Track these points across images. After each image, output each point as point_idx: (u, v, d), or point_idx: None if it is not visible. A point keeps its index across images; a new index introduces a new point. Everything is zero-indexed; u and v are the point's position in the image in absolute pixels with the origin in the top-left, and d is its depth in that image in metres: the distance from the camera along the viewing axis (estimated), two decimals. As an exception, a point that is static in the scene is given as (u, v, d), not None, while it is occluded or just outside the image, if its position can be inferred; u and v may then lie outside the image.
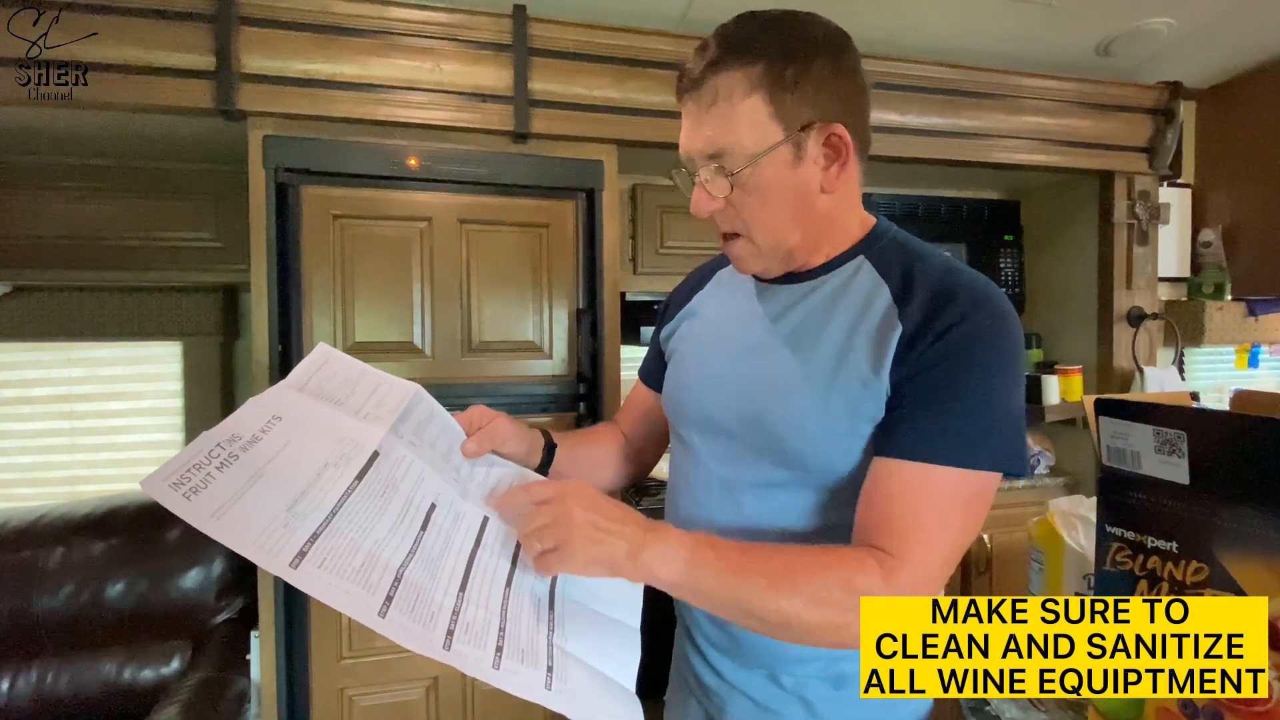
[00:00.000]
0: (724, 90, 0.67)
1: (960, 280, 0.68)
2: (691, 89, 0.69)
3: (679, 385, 0.84)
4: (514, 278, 1.54)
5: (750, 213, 0.70)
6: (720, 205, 0.71)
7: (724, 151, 0.67)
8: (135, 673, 1.66)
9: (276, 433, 0.60)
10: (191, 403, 2.06)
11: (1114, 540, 0.73)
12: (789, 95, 0.66)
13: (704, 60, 0.68)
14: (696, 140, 0.69)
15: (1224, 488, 0.64)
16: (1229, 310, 2.16)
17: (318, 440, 0.62)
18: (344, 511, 0.58)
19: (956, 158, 1.86)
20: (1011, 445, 0.65)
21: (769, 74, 0.66)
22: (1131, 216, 2.04)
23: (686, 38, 1.57)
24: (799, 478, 0.72)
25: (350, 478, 0.60)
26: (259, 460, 0.57)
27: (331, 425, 0.64)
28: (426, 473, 0.68)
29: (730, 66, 0.66)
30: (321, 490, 0.58)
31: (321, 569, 0.53)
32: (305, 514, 0.55)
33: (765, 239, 0.72)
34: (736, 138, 0.67)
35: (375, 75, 1.44)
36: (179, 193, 1.75)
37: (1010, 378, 0.65)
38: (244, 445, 0.58)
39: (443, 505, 0.67)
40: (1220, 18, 1.78)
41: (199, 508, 0.51)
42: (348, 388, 0.69)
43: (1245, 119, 2.13)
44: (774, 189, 0.68)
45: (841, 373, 0.69)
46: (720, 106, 0.67)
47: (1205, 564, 0.65)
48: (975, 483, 0.64)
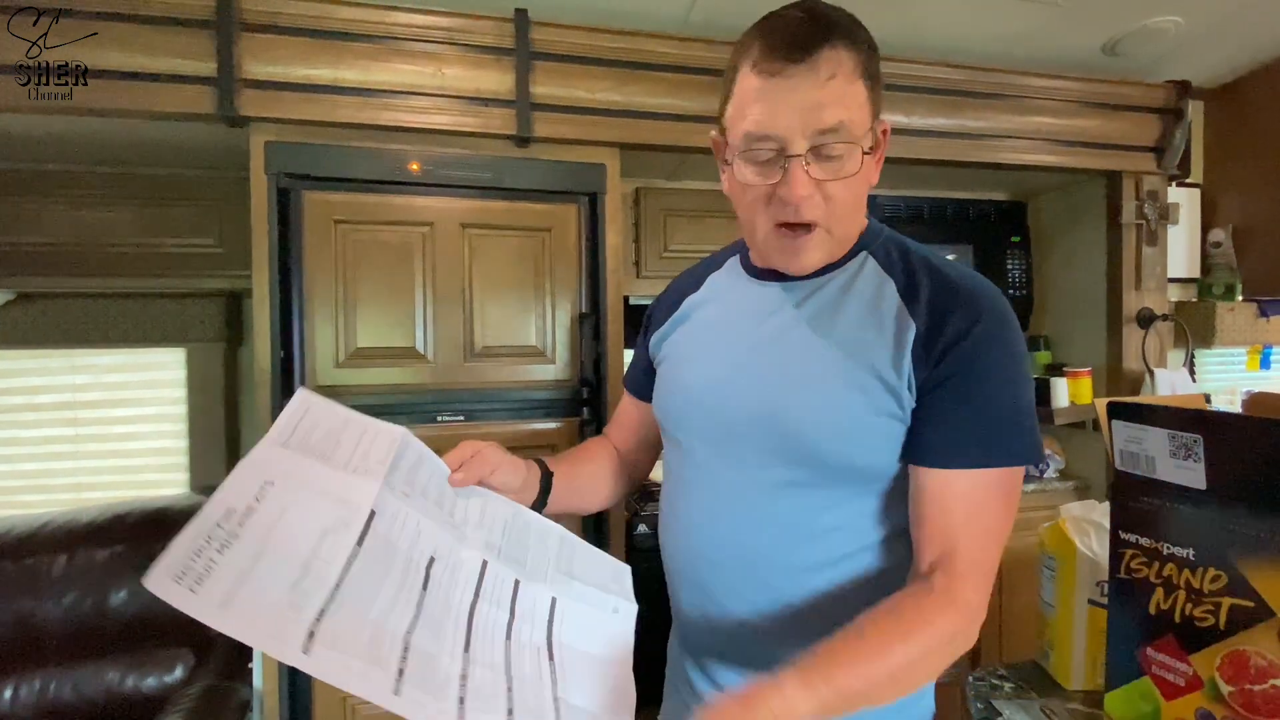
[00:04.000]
0: (840, 65, 0.63)
1: (961, 281, 0.69)
2: (801, 56, 0.62)
3: (678, 390, 0.81)
4: (516, 282, 1.53)
5: (839, 199, 0.67)
6: (815, 189, 0.65)
7: (841, 129, 0.63)
8: (139, 681, 1.65)
9: (271, 500, 0.58)
10: (195, 409, 2.06)
11: (1128, 547, 0.72)
12: (876, 87, 0.67)
13: (811, 29, 0.63)
14: (812, 113, 0.63)
15: (1242, 493, 0.62)
16: (1240, 311, 2.14)
17: (313, 504, 0.60)
18: (348, 582, 0.56)
19: (962, 159, 1.84)
20: (1035, 436, 0.66)
21: (869, 61, 0.66)
22: (1140, 217, 2.02)
23: (689, 40, 1.56)
24: (814, 476, 0.70)
25: (351, 544, 0.59)
26: (258, 535, 0.55)
27: (324, 485, 0.62)
28: (423, 524, 0.66)
29: (838, 42, 0.63)
30: (324, 562, 0.56)
31: (333, 650, 0.52)
32: (310, 591, 0.54)
33: (841, 229, 0.70)
34: (850, 118, 0.64)
35: (377, 80, 1.44)
36: (182, 199, 1.75)
37: (1024, 373, 0.67)
38: (240, 519, 0.56)
39: (441, 557, 0.66)
40: (1228, 16, 1.76)
41: (205, 601, 0.50)
42: (332, 439, 0.66)
43: (1255, 118, 2.11)
44: (860, 178, 0.67)
45: (857, 366, 0.68)
46: (837, 83, 0.63)
47: (1223, 571, 0.63)
48: (1013, 478, 0.66)
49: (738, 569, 0.72)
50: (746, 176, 0.67)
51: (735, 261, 0.83)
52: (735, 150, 0.68)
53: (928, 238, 2.17)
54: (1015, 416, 0.65)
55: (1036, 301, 2.32)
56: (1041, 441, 0.66)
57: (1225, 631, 0.63)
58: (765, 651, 0.72)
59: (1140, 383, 2.01)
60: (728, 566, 0.73)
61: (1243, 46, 1.94)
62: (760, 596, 0.71)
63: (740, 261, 0.82)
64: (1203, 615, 0.65)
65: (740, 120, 0.66)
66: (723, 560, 0.73)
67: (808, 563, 0.70)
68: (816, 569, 0.70)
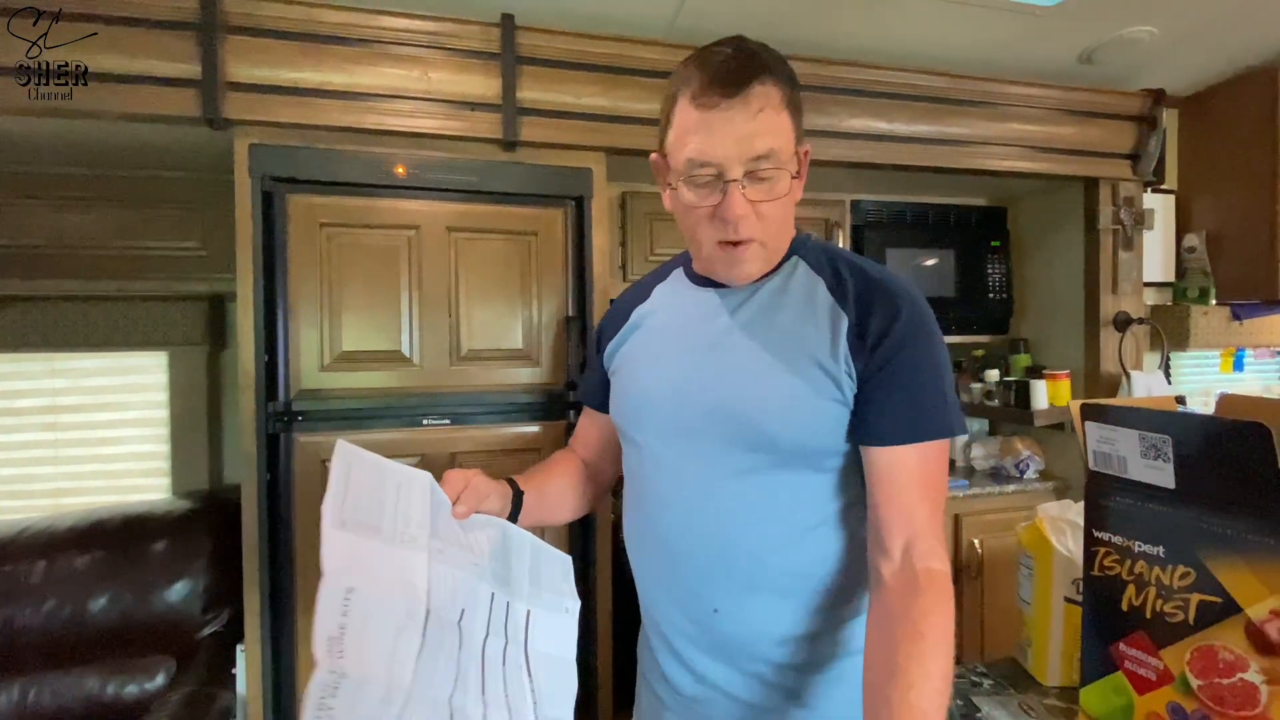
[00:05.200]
0: (769, 99, 0.71)
1: (880, 277, 0.78)
2: (734, 91, 0.70)
3: (635, 394, 0.85)
4: (503, 285, 1.53)
5: (772, 217, 0.75)
6: (750, 209, 0.73)
7: (772, 155, 0.71)
8: (119, 688, 1.63)
9: (355, 611, 0.64)
10: (178, 413, 2.04)
11: (1101, 545, 0.74)
12: (798, 115, 0.75)
13: (741, 67, 0.71)
14: (745, 143, 0.71)
15: (1208, 492, 0.64)
16: (1214, 314, 2.18)
17: (385, 601, 0.65)
18: (417, 677, 0.63)
19: (943, 165, 1.87)
20: (959, 410, 0.75)
21: (792, 94, 0.74)
22: (1116, 222, 2.06)
23: (674, 46, 1.57)
24: (770, 460, 0.76)
25: (418, 640, 0.65)
26: (354, 663, 0.61)
27: (388, 572, 0.67)
28: (458, 578, 0.70)
29: (766, 78, 0.71)
30: (400, 665, 0.63)
31: None
32: (393, 700, 0.61)
33: (775, 242, 0.78)
34: (778, 145, 0.72)
35: (363, 84, 1.44)
36: (164, 201, 1.74)
37: (945, 356, 0.76)
38: (340, 648, 0.61)
39: (469, 607, 0.70)
40: (1201, 26, 1.80)
41: None
42: (377, 504, 0.70)
43: (1227, 125, 2.16)
44: (788, 197, 0.76)
45: (799, 356, 0.75)
46: (767, 115, 0.71)
47: (1192, 568, 0.65)
48: (946, 447, 0.76)
49: (708, 554, 0.76)
50: (689, 199, 0.75)
51: (680, 272, 0.90)
52: (678, 175, 0.75)
53: (910, 242, 2.20)
54: (944, 395, 0.74)
55: (1016, 305, 2.35)
56: (961, 412, 0.76)
57: (1194, 627, 0.65)
58: (738, 632, 0.76)
59: (1117, 385, 2.05)
60: (698, 554, 0.76)
61: (1215, 56, 1.99)
62: (732, 579, 0.75)
63: (684, 272, 0.89)
64: (1172, 611, 0.67)
65: (681, 148, 0.74)
66: (693, 548, 0.77)
67: (773, 541, 0.75)
68: (781, 547, 0.75)
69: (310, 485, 1.43)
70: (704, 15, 1.56)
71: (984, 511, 1.94)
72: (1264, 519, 0.60)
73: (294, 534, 1.43)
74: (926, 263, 2.22)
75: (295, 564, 1.43)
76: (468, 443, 1.52)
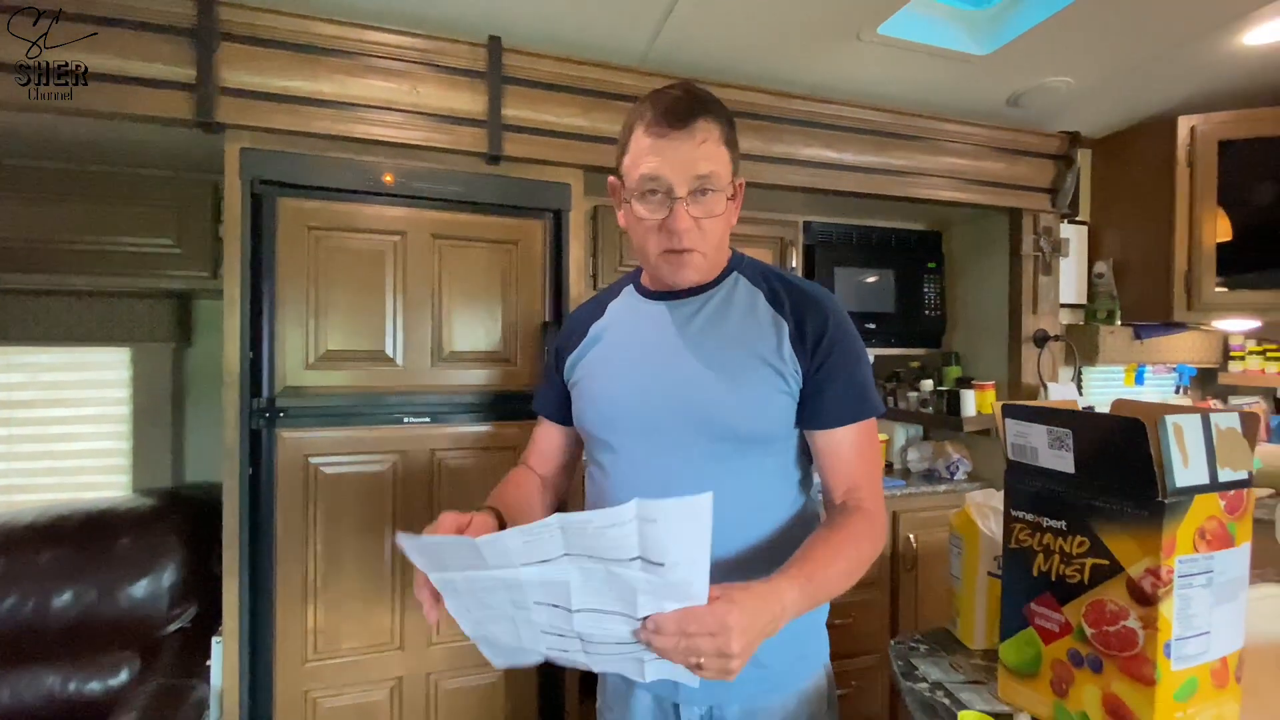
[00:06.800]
0: (710, 133, 0.87)
1: (808, 289, 0.95)
2: (681, 125, 0.85)
3: (604, 400, 0.97)
4: (484, 291, 1.61)
5: (710, 231, 0.90)
6: (693, 224, 0.88)
7: (711, 178, 0.87)
8: (81, 685, 1.62)
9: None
10: (140, 410, 2.03)
11: (1017, 522, 0.88)
12: (734, 151, 0.92)
13: (688, 105, 0.86)
14: (690, 166, 0.86)
15: (1098, 475, 0.79)
16: (1119, 334, 2.44)
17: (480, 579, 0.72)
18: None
19: (886, 193, 2.05)
20: (878, 396, 0.94)
21: (729, 133, 0.90)
22: (1037, 249, 2.29)
23: (648, 74, 1.69)
24: (731, 447, 0.90)
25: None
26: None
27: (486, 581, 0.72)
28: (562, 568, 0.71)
29: (708, 117, 0.87)
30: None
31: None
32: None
33: (713, 254, 0.93)
34: (717, 170, 0.87)
35: (353, 94, 1.50)
36: (139, 198, 1.74)
37: (863, 347, 0.94)
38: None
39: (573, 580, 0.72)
40: (1111, 79, 2.04)
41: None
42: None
43: (1133, 166, 2.42)
44: (725, 218, 0.91)
45: (750, 356, 0.90)
46: (708, 145, 0.87)
47: (1086, 538, 0.80)
48: (874, 425, 0.95)
49: None
50: (641, 213, 0.89)
51: (631, 289, 1.03)
52: (632, 192, 0.89)
53: (856, 262, 2.38)
54: (869, 384, 0.93)
55: (949, 321, 2.56)
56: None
57: (1088, 586, 0.80)
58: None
59: (1036, 395, 2.27)
60: None
61: (1123, 104, 2.24)
62: None
63: (635, 289, 1.02)
64: (1072, 574, 0.82)
65: (636, 168, 0.88)
66: None
67: (736, 519, 0.88)
68: (742, 524, 0.89)
69: (292, 479, 1.48)
70: (677, 48, 1.69)
71: (919, 509, 2.11)
72: (1140, 496, 0.75)
73: (274, 527, 1.47)
74: (869, 281, 2.40)
75: (275, 557, 1.47)
76: (446, 440, 1.59)
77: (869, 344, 2.42)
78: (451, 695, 1.59)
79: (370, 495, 1.53)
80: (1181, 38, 1.81)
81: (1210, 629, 0.77)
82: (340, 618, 1.51)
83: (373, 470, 1.53)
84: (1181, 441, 0.75)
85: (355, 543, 1.52)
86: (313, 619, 1.49)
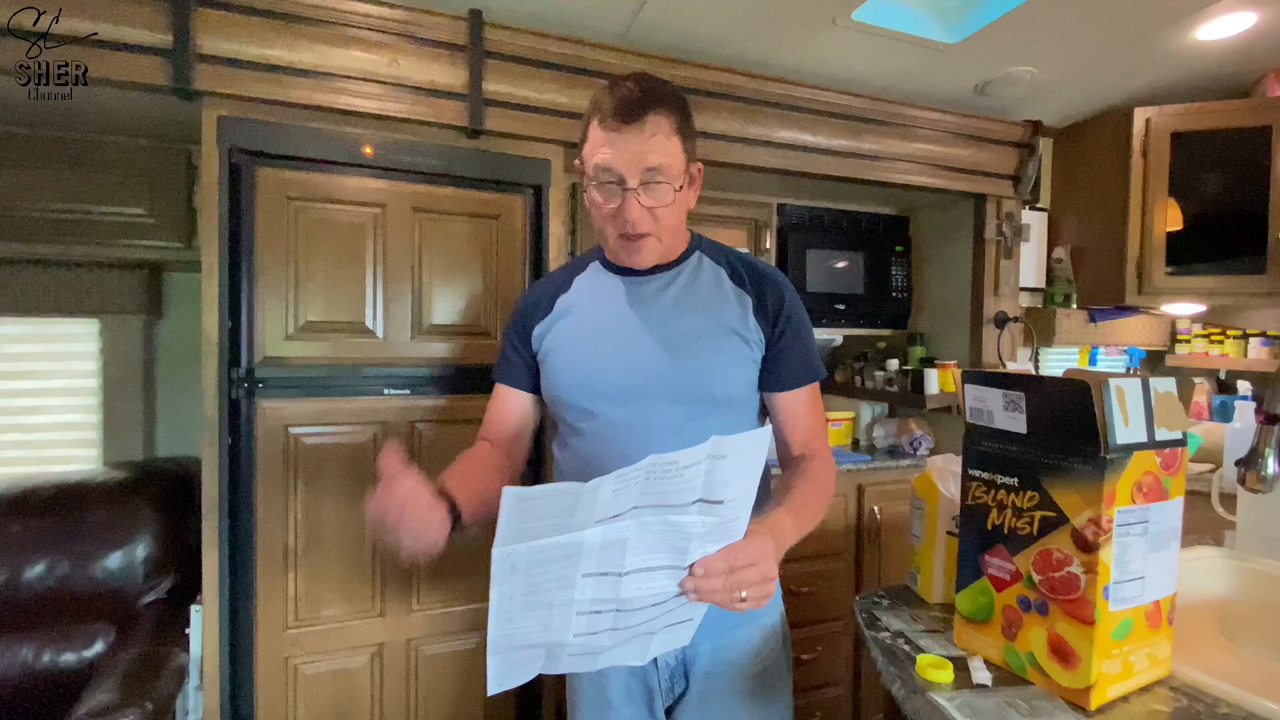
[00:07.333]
0: (660, 127, 0.92)
1: (763, 267, 1.07)
2: (632, 120, 0.91)
3: (581, 369, 1.02)
4: (464, 264, 1.63)
5: (664, 219, 0.97)
6: (645, 212, 0.95)
7: (661, 169, 0.93)
8: (56, 656, 1.62)
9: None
10: (110, 383, 2.00)
11: (973, 480, 0.95)
12: (688, 140, 0.97)
13: (639, 100, 0.91)
14: (640, 159, 0.91)
15: (1048, 435, 0.86)
16: (1074, 317, 2.55)
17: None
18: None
19: (857, 176, 2.11)
20: (821, 361, 1.09)
21: (682, 123, 0.96)
22: (999, 234, 2.38)
23: (627, 52, 1.71)
24: (706, 408, 0.99)
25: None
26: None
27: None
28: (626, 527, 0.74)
29: (659, 111, 0.92)
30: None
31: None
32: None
33: (668, 238, 1.00)
34: (669, 162, 0.93)
35: (333, 65, 1.50)
36: (110, 166, 1.71)
37: (809, 318, 1.07)
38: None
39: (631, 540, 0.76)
40: (1072, 71, 2.12)
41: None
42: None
43: (1091, 155, 2.52)
44: (678, 204, 0.98)
45: (719, 326, 1.01)
46: (659, 138, 0.92)
47: (1036, 492, 0.87)
48: (818, 387, 1.09)
49: None
50: (597, 200, 0.96)
51: (596, 264, 1.09)
52: (589, 180, 0.96)
53: (827, 244, 2.44)
54: (816, 351, 1.07)
55: (915, 303, 2.65)
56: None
57: (1037, 536, 0.87)
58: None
59: (996, 375, 2.36)
60: None
61: (1083, 96, 2.33)
62: None
63: (601, 264, 1.08)
64: (1023, 526, 0.88)
65: (592, 158, 0.94)
66: None
67: None
68: None
69: (272, 449, 1.49)
70: (656, 27, 1.71)
71: (883, 483, 2.20)
72: (1084, 452, 0.81)
73: (254, 496, 1.48)
74: (839, 264, 2.47)
75: (255, 525, 1.48)
76: (427, 412, 1.61)
77: (839, 325, 2.49)
78: (432, 661, 1.63)
79: (351, 465, 1.55)
80: (1139, 30, 1.89)
81: (1145, 574, 0.84)
82: (321, 585, 1.53)
83: (354, 441, 1.55)
84: (1123, 403, 0.82)
85: (336, 512, 1.54)
86: (293, 587, 1.51)
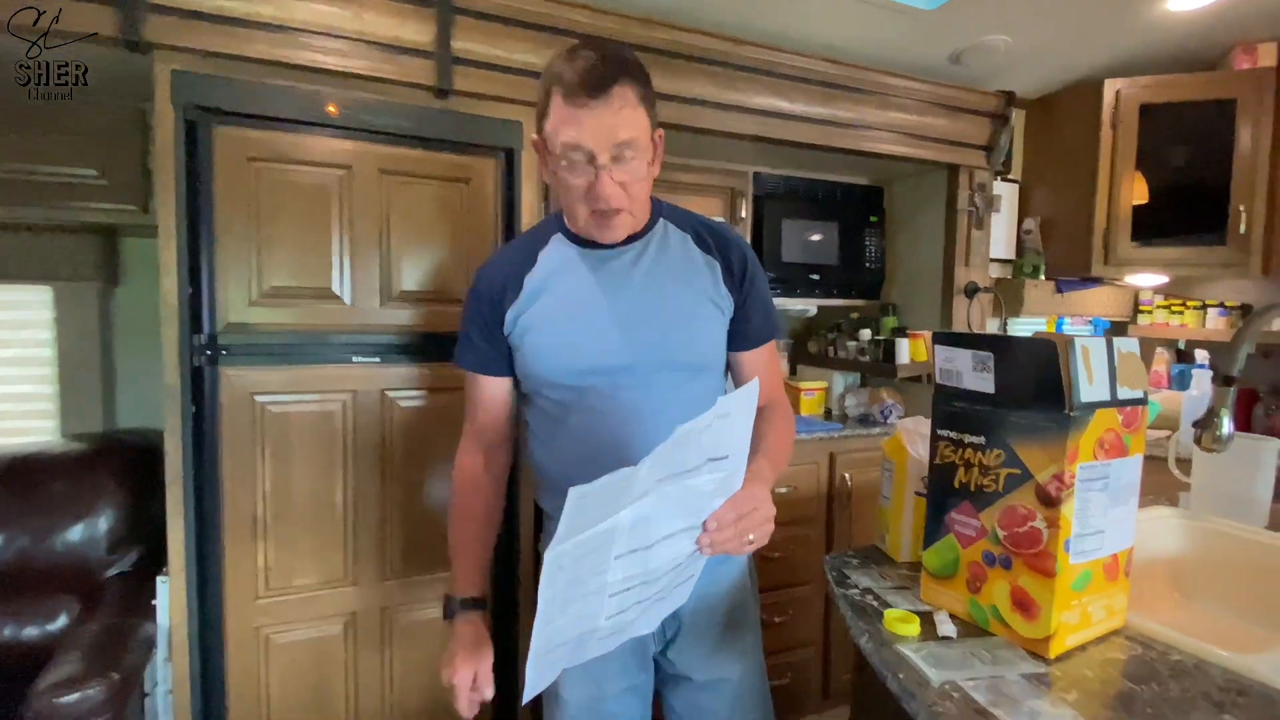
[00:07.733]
0: (627, 99, 0.90)
1: (722, 229, 1.09)
2: (599, 93, 0.87)
3: (565, 345, 1.02)
4: (434, 229, 1.59)
5: (634, 191, 0.95)
6: (618, 187, 0.92)
7: (631, 143, 0.91)
8: (17, 630, 1.59)
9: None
10: (66, 352, 1.94)
11: (942, 440, 0.96)
12: (651, 107, 0.95)
13: (604, 73, 0.88)
14: (610, 134, 0.89)
15: (1015, 394, 0.87)
16: (1042, 287, 2.59)
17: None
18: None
19: (832, 144, 2.10)
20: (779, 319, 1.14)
21: (646, 91, 0.93)
22: (971, 205, 2.40)
23: (600, 12, 1.67)
24: (686, 376, 1.03)
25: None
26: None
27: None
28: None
29: (624, 81, 0.89)
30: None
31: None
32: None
33: (639, 210, 1.00)
34: (636, 135, 0.91)
35: (293, 18, 1.43)
36: (60, 127, 1.63)
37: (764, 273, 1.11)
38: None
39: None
40: (1046, 41, 2.12)
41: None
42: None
43: (1062, 128, 2.55)
44: (646, 175, 0.97)
45: (694, 293, 1.03)
46: (626, 111, 0.90)
47: (1002, 450, 0.88)
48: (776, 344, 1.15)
49: (647, 450, 0.93)
50: (567, 179, 0.93)
51: (559, 237, 1.05)
52: (557, 158, 0.92)
53: (803, 214, 2.43)
54: (774, 306, 1.12)
55: (888, 274, 2.67)
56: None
57: (1003, 493, 0.88)
58: None
59: (965, 344, 2.40)
60: (643, 452, 0.93)
61: (1056, 66, 2.34)
62: None
63: (565, 236, 1.05)
64: (989, 483, 0.90)
65: (558, 135, 0.90)
66: (638, 455, 0.92)
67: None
68: None
69: (237, 417, 1.46)
70: (629, -15, 1.67)
71: (854, 450, 2.23)
72: (1049, 409, 0.83)
73: (220, 465, 1.45)
74: (814, 236, 2.47)
75: (222, 496, 1.45)
76: (397, 379, 1.58)
77: (813, 295, 2.50)
78: (406, 629, 1.63)
79: (321, 434, 1.52)
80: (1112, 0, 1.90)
81: (1104, 529, 0.87)
82: (292, 555, 1.51)
83: (323, 409, 1.52)
84: (1088, 362, 0.83)
85: (307, 481, 1.51)
86: (263, 557, 1.49)
